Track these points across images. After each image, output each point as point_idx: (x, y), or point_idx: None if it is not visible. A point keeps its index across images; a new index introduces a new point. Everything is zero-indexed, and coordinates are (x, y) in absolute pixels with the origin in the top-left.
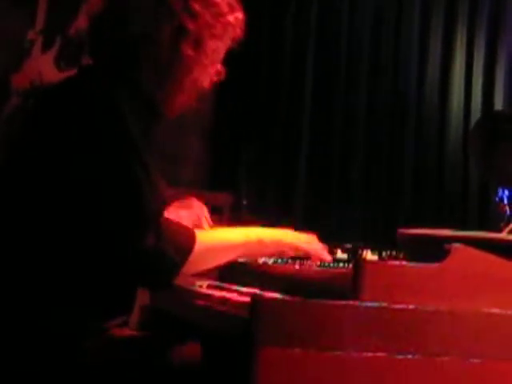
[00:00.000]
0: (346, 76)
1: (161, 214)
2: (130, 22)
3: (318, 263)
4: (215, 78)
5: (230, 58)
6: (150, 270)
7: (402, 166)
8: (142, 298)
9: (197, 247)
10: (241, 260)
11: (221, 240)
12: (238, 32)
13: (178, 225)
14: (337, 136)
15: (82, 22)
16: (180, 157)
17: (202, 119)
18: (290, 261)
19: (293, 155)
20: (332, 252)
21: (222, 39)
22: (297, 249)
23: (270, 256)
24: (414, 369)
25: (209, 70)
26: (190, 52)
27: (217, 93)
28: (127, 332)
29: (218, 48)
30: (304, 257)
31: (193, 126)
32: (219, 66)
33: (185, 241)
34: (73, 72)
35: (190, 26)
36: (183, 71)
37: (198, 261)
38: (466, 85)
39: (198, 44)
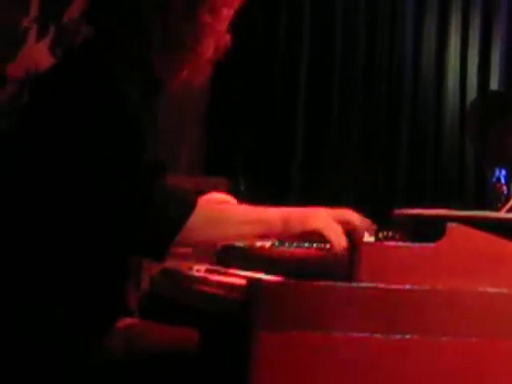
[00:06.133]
0: (341, 63)
1: (154, 178)
2: None
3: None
4: (222, 49)
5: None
6: (144, 231)
7: (398, 146)
8: (142, 284)
9: (197, 212)
10: (238, 244)
11: (232, 211)
12: None
13: (177, 187)
14: (334, 119)
15: (75, 10)
16: (177, 142)
17: (199, 104)
18: (287, 244)
19: (290, 139)
20: None
21: (233, 6)
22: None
23: (296, 240)
24: (411, 349)
25: (219, 39)
26: (207, 19)
27: (213, 78)
28: (127, 321)
29: (228, 15)
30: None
31: (190, 111)
32: (228, 36)
33: (183, 204)
34: None
35: None
36: (198, 40)
37: (199, 227)
38: (462, 65)
39: (213, 11)
